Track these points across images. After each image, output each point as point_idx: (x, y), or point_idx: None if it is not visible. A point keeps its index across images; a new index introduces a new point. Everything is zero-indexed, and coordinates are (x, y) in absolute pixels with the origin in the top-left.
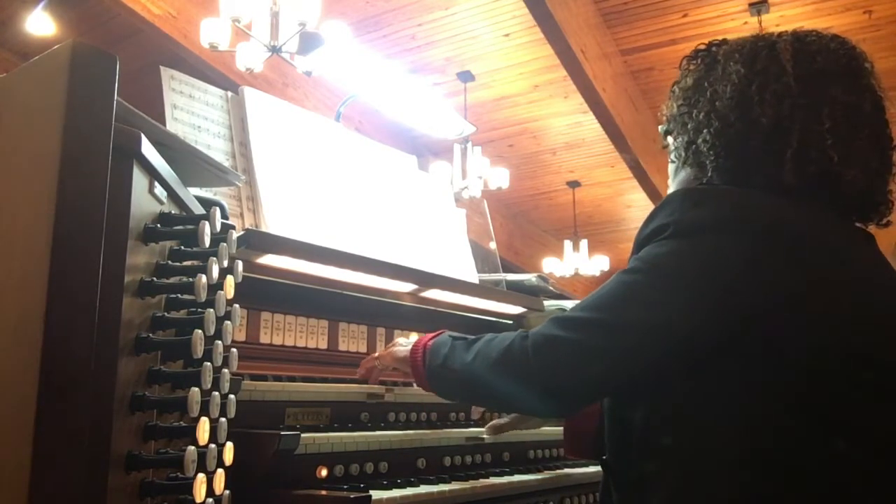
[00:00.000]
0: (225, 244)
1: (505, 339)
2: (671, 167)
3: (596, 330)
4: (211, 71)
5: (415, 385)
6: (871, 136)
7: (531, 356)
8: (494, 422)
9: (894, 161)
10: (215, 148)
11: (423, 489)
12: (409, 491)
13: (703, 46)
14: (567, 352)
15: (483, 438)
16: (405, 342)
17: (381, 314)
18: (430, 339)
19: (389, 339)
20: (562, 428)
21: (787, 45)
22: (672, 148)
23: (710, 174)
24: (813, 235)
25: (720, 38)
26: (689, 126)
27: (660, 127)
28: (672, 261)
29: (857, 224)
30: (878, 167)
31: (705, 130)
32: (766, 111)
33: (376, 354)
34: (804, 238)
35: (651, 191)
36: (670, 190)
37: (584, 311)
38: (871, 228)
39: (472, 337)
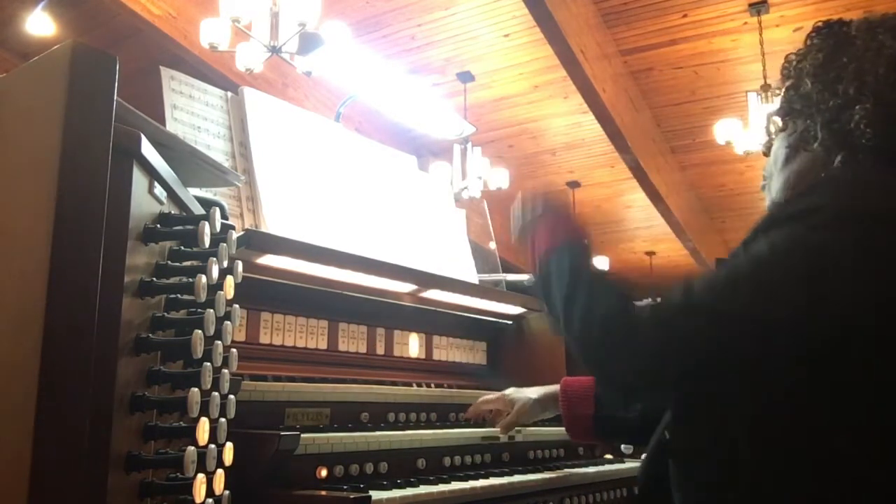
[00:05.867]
0: (225, 244)
1: (609, 308)
2: (783, 151)
3: (702, 315)
4: (211, 71)
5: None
6: None
7: (638, 332)
8: (504, 420)
9: None
10: (215, 148)
11: (423, 489)
12: (408, 491)
13: (821, 24)
14: (669, 334)
15: (483, 438)
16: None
17: (381, 314)
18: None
19: (389, 339)
20: (561, 428)
21: None
22: (792, 130)
23: (844, 155)
24: None
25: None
26: (830, 104)
27: (773, 111)
28: (809, 254)
29: None
30: None
31: (858, 107)
32: None
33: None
34: None
35: (651, 191)
36: (780, 176)
37: (696, 293)
38: None
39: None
